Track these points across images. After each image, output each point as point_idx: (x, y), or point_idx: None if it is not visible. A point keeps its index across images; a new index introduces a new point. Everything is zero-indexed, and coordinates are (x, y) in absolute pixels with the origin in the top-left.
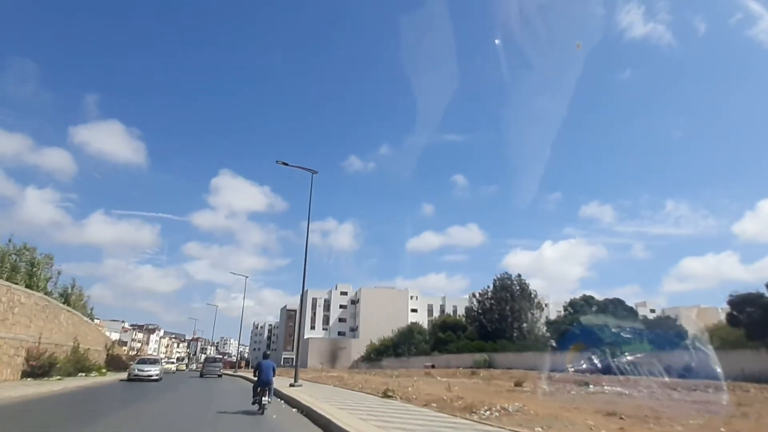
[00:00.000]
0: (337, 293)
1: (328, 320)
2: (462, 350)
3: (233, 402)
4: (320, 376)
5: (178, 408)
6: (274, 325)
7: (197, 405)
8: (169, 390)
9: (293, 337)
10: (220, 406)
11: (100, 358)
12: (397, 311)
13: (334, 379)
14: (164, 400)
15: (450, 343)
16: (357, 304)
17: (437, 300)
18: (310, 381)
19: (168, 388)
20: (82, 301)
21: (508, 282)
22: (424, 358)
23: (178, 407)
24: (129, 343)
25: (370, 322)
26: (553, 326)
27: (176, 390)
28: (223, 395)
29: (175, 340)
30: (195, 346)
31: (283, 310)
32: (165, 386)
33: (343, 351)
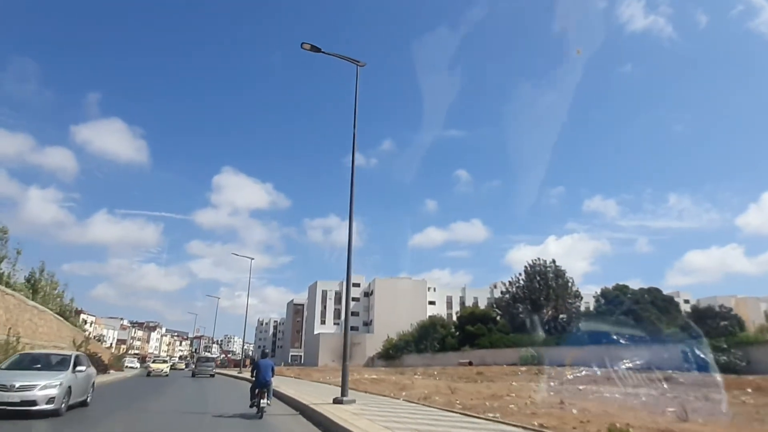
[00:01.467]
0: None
1: (339, 314)
2: (497, 344)
3: (230, 405)
4: (360, 380)
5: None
6: (279, 322)
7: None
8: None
9: (301, 333)
10: (216, 409)
11: None
12: (414, 304)
13: (385, 385)
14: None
15: (481, 336)
16: (370, 296)
17: (456, 291)
18: (355, 389)
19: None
20: (56, 290)
21: (541, 268)
22: (453, 354)
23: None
24: (128, 342)
25: (386, 315)
26: (588, 318)
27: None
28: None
29: (178, 338)
30: (198, 344)
31: (289, 305)
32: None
33: (357, 347)
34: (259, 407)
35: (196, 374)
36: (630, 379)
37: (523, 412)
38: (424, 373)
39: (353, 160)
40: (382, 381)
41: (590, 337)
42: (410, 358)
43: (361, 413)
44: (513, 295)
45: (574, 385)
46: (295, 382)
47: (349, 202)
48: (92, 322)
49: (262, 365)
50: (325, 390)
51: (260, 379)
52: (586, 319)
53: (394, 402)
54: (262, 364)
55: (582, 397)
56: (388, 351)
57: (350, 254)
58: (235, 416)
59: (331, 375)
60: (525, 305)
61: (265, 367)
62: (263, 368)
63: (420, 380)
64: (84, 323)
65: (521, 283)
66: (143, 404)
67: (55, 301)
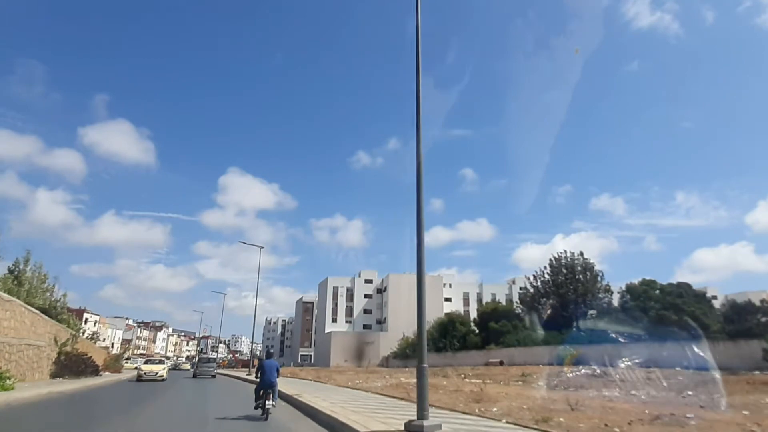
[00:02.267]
0: (360, 281)
1: (352, 312)
2: (525, 342)
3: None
4: (403, 384)
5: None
6: (287, 321)
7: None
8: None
9: (311, 332)
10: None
11: (40, 357)
12: (430, 300)
13: (444, 395)
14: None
15: (506, 334)
16: (384, 293)
17: (473, 287)
18: (407, 400)
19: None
20: (45, 284)
21: (568, 261)
22: (477, 353)
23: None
24: (133, 342)
25: (400, 312)
26: (621, 314)
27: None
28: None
29: (185, 338)
30: (205, 344)
31: (298, 303)
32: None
33: (370, 346)
34: (264, 409)
35: (198, 375)
36: (630, 378)
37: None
38: (455, 374)
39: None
40: (434, 387)
41: (591, 336)
42: (429, 358)
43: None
44: (537, 289)
45: (575, 384)
46: (318, 388)
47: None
48: (96, 321)
49: (267, 366)
50: (372, 402)
51: (265, 380)
52: (618, 314)
53: (497, 427)
54: (267, 364)
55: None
56: (405, 350)
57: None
58: (240, 418)
59: (356, 377)
60: (552, 300)
61: (270, 367)
62: (268, 369)
63: (496, 389)
64: (85, 322)
65: (546, 277)
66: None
67: (43, 296)
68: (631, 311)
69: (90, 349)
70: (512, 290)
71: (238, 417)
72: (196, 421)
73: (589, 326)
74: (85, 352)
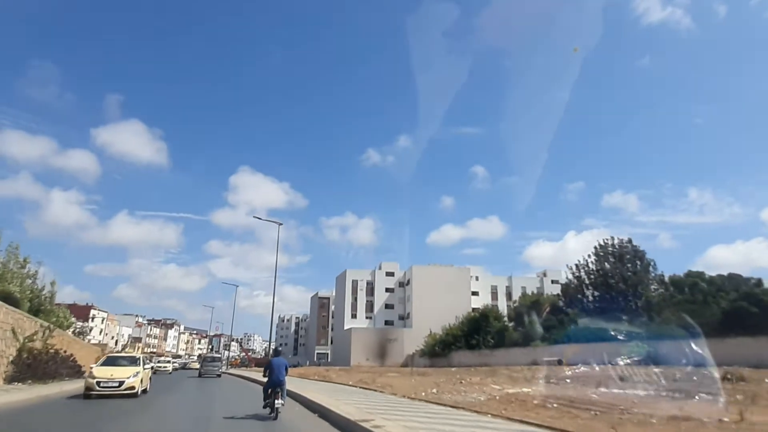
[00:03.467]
0: (381, 274)
1: (372, 306)
2: (578, 338)
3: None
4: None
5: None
6: (301, 318)
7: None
8: None
9: (327, 329)
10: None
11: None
12: (457, 294)
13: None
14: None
15: (552, 329)
16: (407, 286)
17: (502, 280)
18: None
19: None
20: (25, 269)
21: (615, 249)
22: (519, 351)
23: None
24: (143, 340)
25: (425, 307)
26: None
27: None
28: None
29: (196, 336)
30: (217, 342)
31: (313, 299)
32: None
33: (393, 344)
34: (273, 408)
35: (203, 374)
36: (629, 375)
37: None
38: (510, 377)
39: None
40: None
41: (589, 333)
42: (460, 356)
43: None
44: (581, 280)
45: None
46: (391, 405)
47: None
48: (104, 318)
49: (276, 364)
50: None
51: (274, 379)
52: (676, 308)
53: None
54: (275, 362)
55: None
56: (433, 348)
57: None
58: (248, 417)
59: (408, 381)
60: (601, 292)
61: (278, 365)
62: (277, 367)
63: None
64: (92, 319)
65: (590, 267)
66: None
67: (22, 283)
68: (693, 305)
69: (74, 346)
70: (543, 283)
71: (246, 416)
72: (203, 420)
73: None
74: (63, 350)
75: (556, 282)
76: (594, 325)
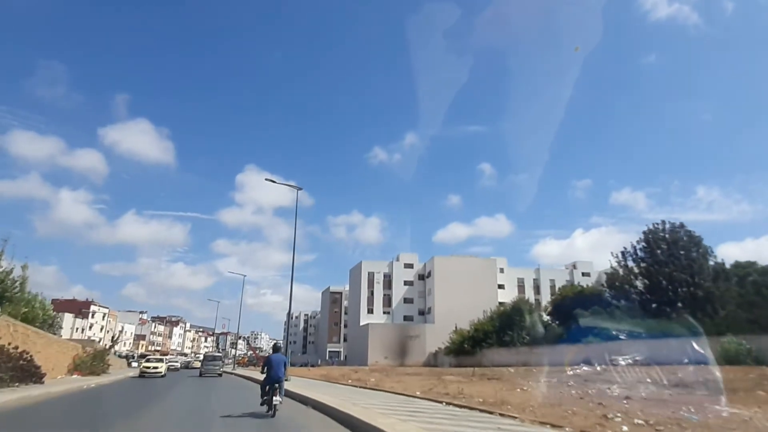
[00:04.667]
0: (399, 266)
1: (390, 301)
2: (636, 334)
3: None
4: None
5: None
6: (310, 315)
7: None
8: None
9: (339, 326)
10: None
11: None
12: (483, 287)
13: None
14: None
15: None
16: (427, 279)
17: (528, 272)
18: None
19: None
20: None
21: (667, 235)
22: (565, 348)
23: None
24: (148, 337)
25: (447, 302)
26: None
27: None
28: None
29: (203, 334)
30: (224, 340)
31: (325, 294)
32: None
33: (413, 341)
34: (270, 405)
35: (204, 374)
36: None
37: None
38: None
39: None
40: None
41: (591, 333)
42: (493, 354)
43: None
44: (628, 270)
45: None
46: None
47: None
48: (105, 314)
49: (274, 360)
50: None
51: (272, 376)
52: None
53: None
54: (274, 359)
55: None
56: (461, 345)
57: None
58: (245, 415)
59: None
60: (656, 281)
61: (277, 362)
62: (275, 364)
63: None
64: (92, 315)
65: (638, 254)
66: None
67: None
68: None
69: (39, 343)
70: (573, 276)
71: (244, 414)
72: (200, 418)
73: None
74: (18, 349)
75: (586, 275)
76: (640, 318)
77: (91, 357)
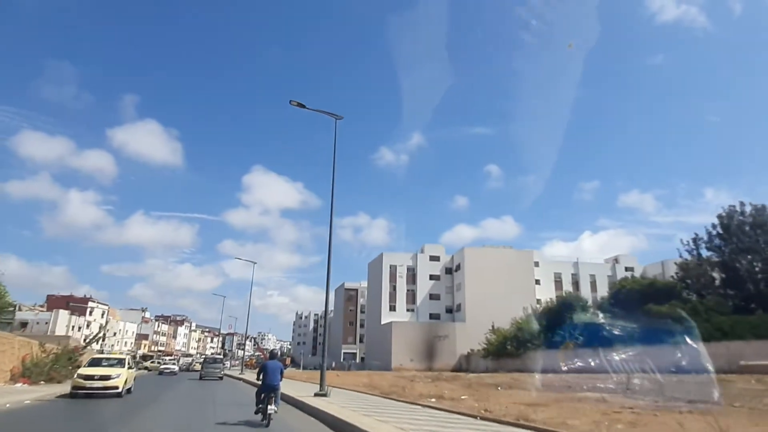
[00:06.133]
0: (424, 259)
1: (414, 297)
2: (734, 333)
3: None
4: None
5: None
6: (320, 315)
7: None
8: None
9: (354, 325)
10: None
11: None
12: (518, 282)
13: None
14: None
15: (683, 321)
16: (456, 272)
17: (566, 266)
18: None
19: None
20: None
21: (747, 218)
22: (658, 351)
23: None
24: (151, 337)
25: (479, 298)
26: None
27: None
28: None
29: (209, 335)
30: (230, 341)
31: (339, 290)
32: None
33: (443, 342)
34: (265, 414)
35: (204, 377)
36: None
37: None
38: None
39: None
40: None
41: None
42: (541, 357)
43: None
44: (703, 259)
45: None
46: None
47: None
48: (104, 312)
49: (270, 367)
50: None
51: (267, 383)
52: None
53: None
54: (270, 365)
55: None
56: (502, 346)
57: None
58: (240, 424)
59: None
60: (735, 272)
61: (273, 369)
62: (271, 371)
63: None
64: (90, 313)
65: (714, 242)
66: None
67: None
68: None
69: None
70: (615, 270)
71: (238, 423)
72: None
73: None
74: None
75: (630, 269)
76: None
77: (52, 359)
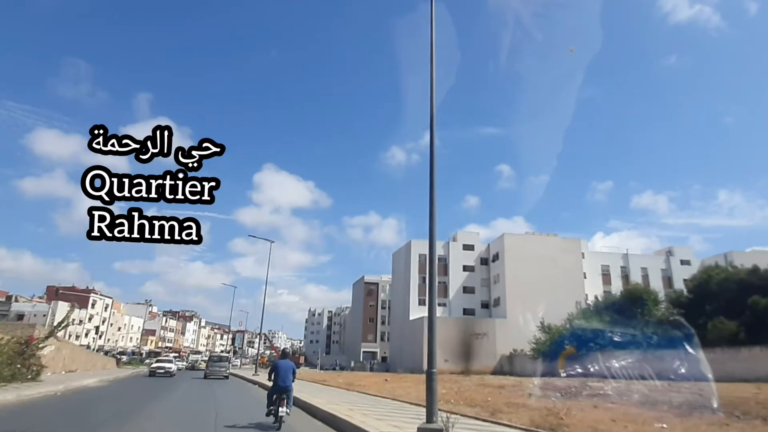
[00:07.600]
0: (456, 248)
1: (446, 290)
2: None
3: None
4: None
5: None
6: (334, 312)
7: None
8: None
9: (375, 321)
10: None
11: None
12: (566, 274)
13: None
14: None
15: None
16: (493, 263)
17: (615, 259)
18: None
19: None
20: None
21: None
22: (751, 352)
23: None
24: (158, 332)
25: (521, 291)
26: None
27: None
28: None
29: (218, 331)
30: (240, 338)
31: (357, 284)
32: None
33: (480, 340)
34: (277, 416)
35: (209, 376)
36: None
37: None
38: None
39: None
40: None
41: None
42: (606, 359)
43: None
44: None
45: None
46: None
47: None
48: (108, 305)
49: (282, 367)
50: None
51: (279, 384)
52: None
53: None
54: (281, 365)
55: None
56: (560, 346)
57: None
58: (250, 426)
59: None
60: None
61: (285, 369)
62: (283, 371)
63: None
64: (92, 305)
65: None
66: None
67: None
68: None
69: None
70: (669, 263)
71: (248, 425)
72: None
73: None
74: None
75: (686, 262)
76: None
77: (24, 359)
